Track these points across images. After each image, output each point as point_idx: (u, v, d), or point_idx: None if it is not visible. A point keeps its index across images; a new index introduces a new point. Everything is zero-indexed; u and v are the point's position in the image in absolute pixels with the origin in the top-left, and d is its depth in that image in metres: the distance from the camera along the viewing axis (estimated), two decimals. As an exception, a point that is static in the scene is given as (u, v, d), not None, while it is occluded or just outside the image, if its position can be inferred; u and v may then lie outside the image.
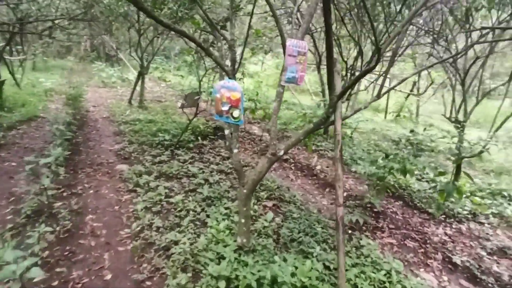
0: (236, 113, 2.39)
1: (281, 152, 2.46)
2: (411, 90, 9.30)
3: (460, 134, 4.26)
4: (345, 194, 4.41)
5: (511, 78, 3.87)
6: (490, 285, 2.80)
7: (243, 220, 2.64)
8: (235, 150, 2.53)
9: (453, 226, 3.79)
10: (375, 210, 3.83)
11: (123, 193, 3.71)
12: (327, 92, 7.59)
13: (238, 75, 8.13)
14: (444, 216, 4.02)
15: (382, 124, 10.62)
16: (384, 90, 3.03)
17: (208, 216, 3.30)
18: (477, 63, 3.76)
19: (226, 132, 2.56)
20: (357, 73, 7.14)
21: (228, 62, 2.62)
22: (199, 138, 6.01)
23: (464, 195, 4.15)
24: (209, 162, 4.95)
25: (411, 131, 8.30)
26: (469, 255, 3.23)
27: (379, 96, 2.75)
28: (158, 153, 5.05)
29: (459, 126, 4.40)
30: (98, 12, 5.53)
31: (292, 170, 5.18)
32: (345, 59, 7.06)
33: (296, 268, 2.38)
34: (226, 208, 3.42)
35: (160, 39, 8.64)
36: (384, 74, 3.23)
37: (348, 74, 7.11)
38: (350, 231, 3.39)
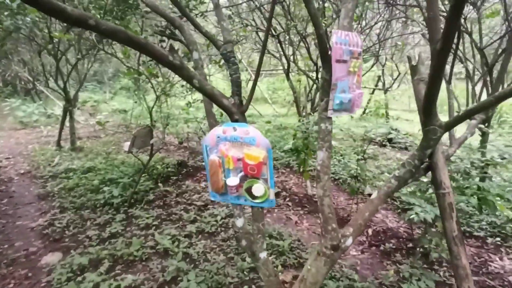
0: (258, 188, 1.19)
1: (348, 241, 1.33)
2: (376, 85, 8.93)
3: (485, 135, 3.53)
4: (369, 231, 3.42)
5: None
6: None
7: None
8: (263, 255, 1.33)
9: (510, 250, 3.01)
10: (424, 253, 2.87)
11: (54, 319, 2.23)
12: (304, 104, 6.63)
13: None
14: (488, 235, 3.24)
15: (351, 123, 10.06)
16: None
17: (208, 336, 2.01)
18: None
19: (239, 223, 1.34)
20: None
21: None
22: (159, 183, 4.61)
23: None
24: (182, 219, 3.61)
25: (395, 129, 7.78)
26: None
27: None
28: (106, 220, 3.56)
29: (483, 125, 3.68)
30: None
31: (290, 207, 4.06)
32: (314, 61, 6.22)
33: None
34: (233, 312, 2.16)
35: (88, 63, 6.98)
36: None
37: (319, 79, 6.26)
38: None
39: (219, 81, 15.97)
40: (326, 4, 5.23)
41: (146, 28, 3.84)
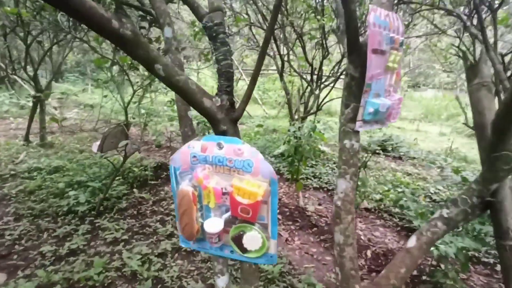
0: (252, 238, 0.77)
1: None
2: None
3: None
4: (368, 252, 3.06)
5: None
6: None
7: None
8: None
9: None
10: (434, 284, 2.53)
11: None
12: (298, 107, 6.21)
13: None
14: (497, 262, 2.94)
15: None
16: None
17: None
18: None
19: (221, 282, 0.92)
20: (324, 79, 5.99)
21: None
22: (134, 188, 4.12)
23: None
24: (156, 233, 3.15)
25: (384, 140, 7.51)
26: None
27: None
28: (66, 232, 3.07)
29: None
30: None
31: (280, 221, 3.67)
32: (310, 62, 5.85)
33: None
34: None
35: (67, 50, 6.37)
36: None
37: (314, 81, 5.89)
38: None
39: (208, 79, 15.32)
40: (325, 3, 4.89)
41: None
